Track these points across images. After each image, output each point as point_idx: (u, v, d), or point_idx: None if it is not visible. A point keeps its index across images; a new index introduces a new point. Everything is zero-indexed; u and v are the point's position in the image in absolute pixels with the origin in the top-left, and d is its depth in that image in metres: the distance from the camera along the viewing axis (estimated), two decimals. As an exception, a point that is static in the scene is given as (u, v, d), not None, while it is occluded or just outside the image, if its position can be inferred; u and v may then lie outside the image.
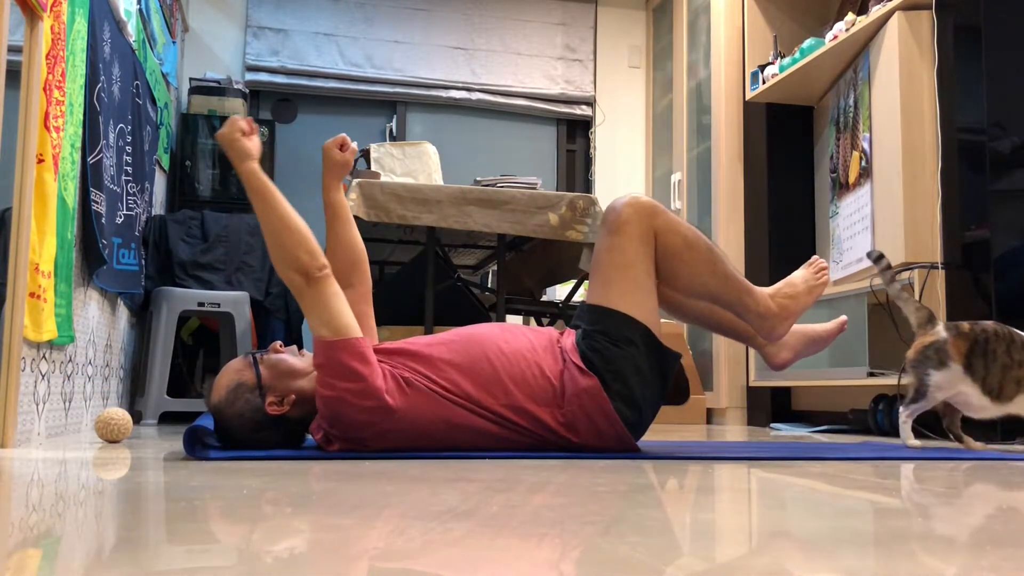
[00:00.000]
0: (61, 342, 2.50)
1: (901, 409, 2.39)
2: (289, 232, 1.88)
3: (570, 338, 2.10)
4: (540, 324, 3.90)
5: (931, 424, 3.27)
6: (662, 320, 2.16)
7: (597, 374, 1.99)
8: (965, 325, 2.39)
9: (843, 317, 2.37)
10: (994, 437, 2.45)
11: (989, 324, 2.38)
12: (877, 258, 2.54)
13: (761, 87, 4.29)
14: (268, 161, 4.88)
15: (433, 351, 2.02)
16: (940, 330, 2.39)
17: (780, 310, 2.16)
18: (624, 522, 1.04)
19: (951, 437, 2.49)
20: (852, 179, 3.72)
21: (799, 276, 2.24)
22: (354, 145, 2.23)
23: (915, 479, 1.63)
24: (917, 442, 2.39)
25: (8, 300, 2.16)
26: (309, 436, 2.09)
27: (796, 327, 2.29)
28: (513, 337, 2.08)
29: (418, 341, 2.07)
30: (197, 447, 1.90)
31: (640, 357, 2.01)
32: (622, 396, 1.99)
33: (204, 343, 4.44)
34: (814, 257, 2.29)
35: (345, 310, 1.90)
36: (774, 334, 2.19)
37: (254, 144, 1.94)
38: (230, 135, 1.92)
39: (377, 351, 2.06)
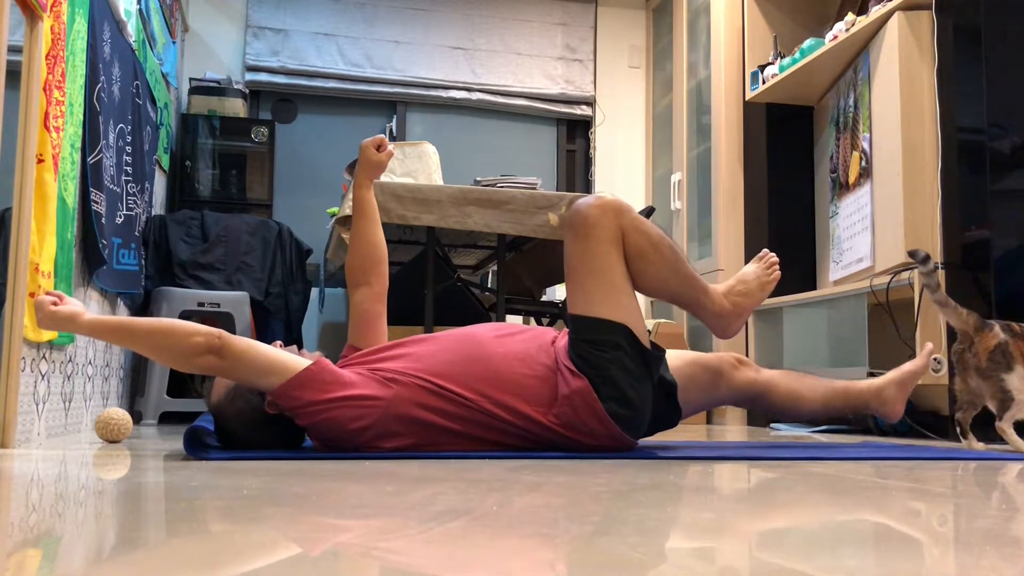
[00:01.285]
0: (61, 342, 2.50)
1: (998, 423, 2.36)
2: (167, 335, 1.84)
3: (564, 339, 2.10)
4: (540, 324, 3.90)
5: (932, 424, 3.27)
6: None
7: (587, 376, 2.00)
8: (1016, 326, 2.38)
9: (929, 345, 2.44)
10: (996, 437, 2.44)
11: None
12: (923, 259, 2.48)
13: (761, 87, 4.29)
14: (268, 161, 4.88)
15: (422, 349, 2.03)
16: (999, 331, 2.38)
17: (734, 307, 2.18)
18: (624, 522, 1.04)
19: (957, 430, 2.48)
20: (852, 179, 3.72)
21: (751, 272, 2.24)
22: (391, 147, 2.25)
23: (916, 479, 1.63)
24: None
25: (8, 300, 2.16)
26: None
27: (892, 375, 2.38)
28: (507, 337, 2.08)
29: (407, 341, 2.08)
30: (197, 447, 1.90)
31: (626, 357, 2.02)
32: (614, 398, 2.00)
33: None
34: (764, 251, 2.29)
35: (270, 352, 1.88)
36: (728, 332, 2.21)
37: (74, 305, 1.88)
38: (47, 315, 1.86)
39: (359, 356, 2.07)
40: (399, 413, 1.93)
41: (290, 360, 1.88)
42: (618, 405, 2.00)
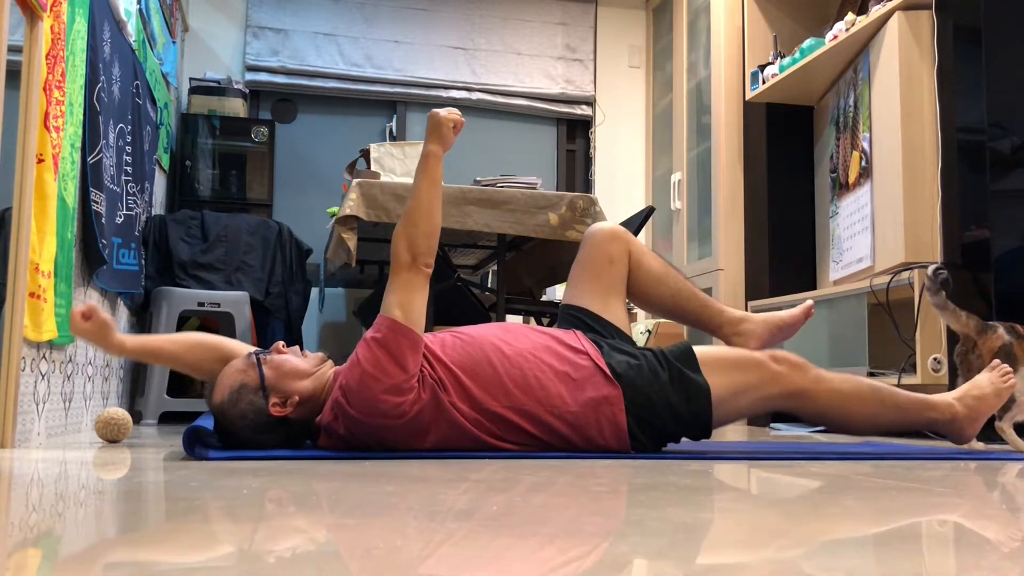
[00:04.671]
0: (61, 342, 2.50)
1: (997, 423, 2.37)
2: (429, 219, 1.97)
3: (583, 340, 2.09)
4: (540, 324, 3.90)
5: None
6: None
7: (628, 387, 2.00)
8: (1019, 328, 2.39)
9: (809, 301, 2.32)
10: (996, 437, 2.44)
11: None
12: (943, 281, 2.48)
13: (761, 87, 4.29)
14: (268, 161, 4.88)
15: (443, 352, 2.02)
16: (1003, 333, 2.39)
17: (968, 411, 2.23)
18: (624, 522, 1.04)
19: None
20: (852, 179, 3.72)
21: (985, 379, 2.29)
22: (96, 310, 2.07)
23: (916, 479, 1.63)
24: None
25: (8, 300, 2.16)
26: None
27: (761, 316, 2.29)
28: (515, 338, 2.07)
29: (428, 340, 2.06)
30: (197, 447, 1.90)
31: (680, 407, 2.03)
32: (639, 419, 2.01)
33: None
34: (996, 361, 2.32)
35: (423, 311, 1.96)
36: (963, 437, 2.26)
37: (452, 139, 2.03)
38: (447, 119, 2.02)
39: None
40: (418, 422, 1.93)
41: (421, 321, 1.94)
42: (638, 424, 2.00)
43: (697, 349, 2.11)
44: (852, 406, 2.14)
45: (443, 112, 2.04)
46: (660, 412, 2.01)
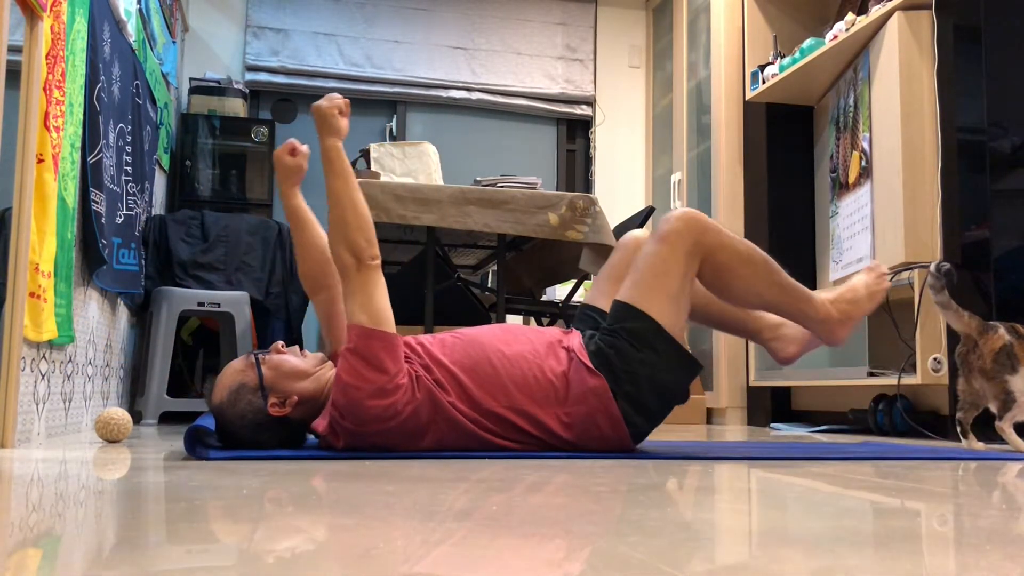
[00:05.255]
0: (61, 342, 2.50)
1: (998, 423, 2.36)
2: (356, 214, 1.94)
3: (576, 338, 2.10)
4: (540, 324, 3.90)
5: (932, 424, 3.27)
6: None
7: (608, 373, 1.99)
8: (1020, 328, 2.39)
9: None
10: (996, 437, 2.44)
11: None
12: (947, 272, 2.49)
13: (761, 87, 4.29)
14: (268, 161, 4.88)
15: (442, 352, 2.02)
16: (1004, 334, 2.38)
17: (840, 314, 2.17)
18: (624, 522, 1.04)
19: (958, 430, 2.48)
20: (852, 179, 3.72)
21: (860, 281, 2.23)
22: (304, 148, 2.20)
23: (916, 479, 1.63)
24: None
25: (8, 300, 2.16)
26: (310, 435, 2.09)
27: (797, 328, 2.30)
28: (514, 338, 2.07)
29: (427, 340, 2.06)
30: (197, 447, 1.90)
31: (658, 366, 2.01)
32: (630, 399, 1.99)
33: (204, 343, 4.44)
34: (875, 262, 2.29)
35: (386, 304, 1.93)
36: (834, 338, 2.19)
37: (344, 125, 2.01)
38: (329, 109, 1.98)
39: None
40: (415, 421, 1.93)
41: (390, 320, 1.91)
42: (632, 408, 1.99)
43: (621, 296, 2.09)
44: (742, 268, 2.08)
45: (324, 103, 2.00)
46: (641, 382, 2.00)
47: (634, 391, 1.99)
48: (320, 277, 2.18)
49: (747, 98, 4.47)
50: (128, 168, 3.29)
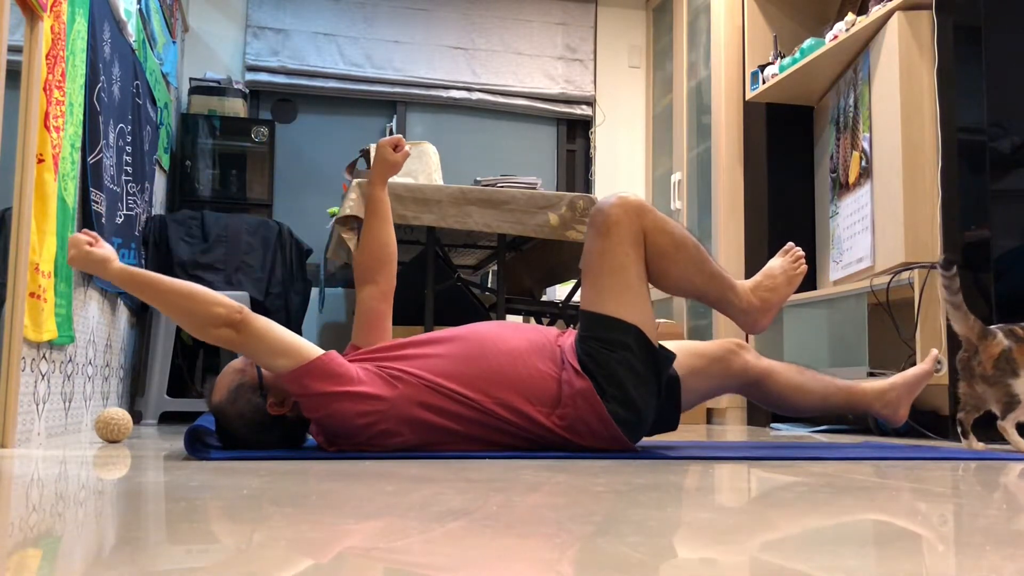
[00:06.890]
0: (61, 342, 2.50)
1: (999, 423, 2.37)
2: (190, 299, 1.85)
3: (570, 339, 2.10)
4: (540, 324, 3.90)
5: (932, 424, 3.27)
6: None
7: (592, 377, 1.99)
8: (1019, 330, 2.39)
9: (934, 351, 2.45)
10: (996, 437, 2.44)
11: None
12: (947, 265, 2.47)
13: (761, 87, 4.29)
14: (268, 161, 4.88)
15: (425, 349, 2.03)
16: (1002, 339, 2.38)
17: (761, 303, 2.18)
18: (624, 522, 1.04)
19: (958, 430, 2.48)
20: (852, 179, 3.72)
21: (776, 266, 2.24)
22: (408, 148, 2.25)
23: (916, 479, 1.63)
24: None
25: (8, 300, 2.16)
26: (309, 436, 2.09)
27: (897, 379, 2.42)
28: (510, 336, 2.08)
29: (410, 341, 2.08)
30: (198, 447, 1.90)
31: (634, 359, 2.02)
32: (618, 399, 1.99)
33: (204, 343, 4.44)
34: (789, 244, 2.29)
35: (286, 335, 1.89)
36: (757, 327, 2.21)
37: (108, 250, 1.88)
38: (80, 254, 1.85)
39: (366, 352, 2.07)
40: (403, 413, 1.93)
41: (304, 346, 1.89)
42: (621, 407, 1.99)
43: (583, 303, 2.10)
44: (677, 253, 2.07)
45: (71, 253, 1.86)
46: (624, 382, 2.00)
47: (619, 393, 2.00)
48: (372, 271, 2.21)
49: (747, 98, 4.47)
50: (128, 168, 3.29)
